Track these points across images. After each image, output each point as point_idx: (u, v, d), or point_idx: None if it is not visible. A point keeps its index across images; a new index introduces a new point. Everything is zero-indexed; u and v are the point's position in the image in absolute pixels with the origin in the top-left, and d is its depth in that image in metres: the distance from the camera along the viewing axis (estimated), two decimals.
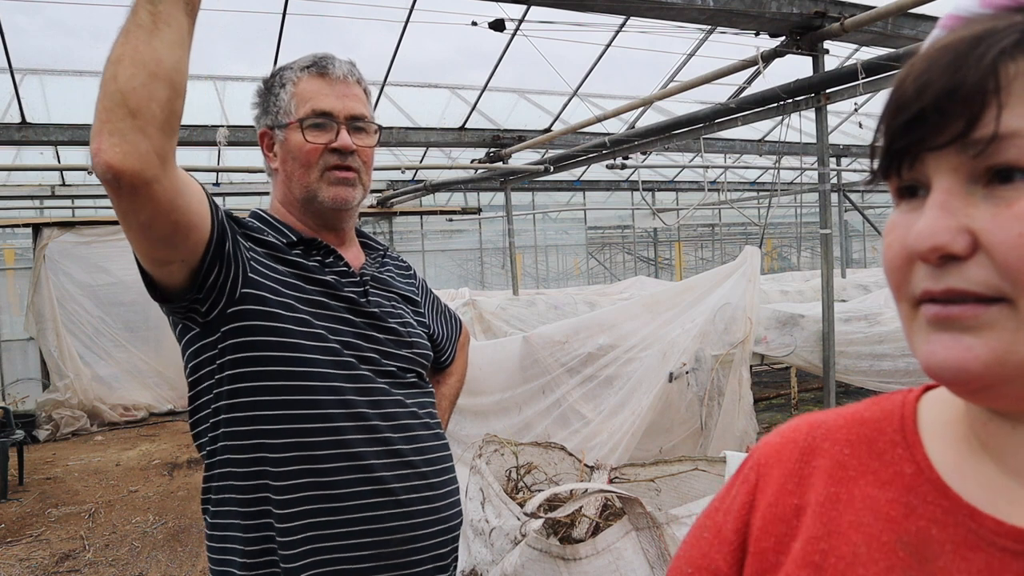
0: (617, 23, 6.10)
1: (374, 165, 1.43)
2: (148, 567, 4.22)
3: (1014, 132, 0.40)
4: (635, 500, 1.64)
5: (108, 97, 0.94)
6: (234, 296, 1.18)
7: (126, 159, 0.94)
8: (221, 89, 7.53)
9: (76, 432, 7.97)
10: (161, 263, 1.10)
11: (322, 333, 1.23)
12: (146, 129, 0.95)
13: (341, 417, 1.21)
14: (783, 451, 0.59)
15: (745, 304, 3.67)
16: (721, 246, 16.11)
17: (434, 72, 8.46)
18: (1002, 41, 0.42)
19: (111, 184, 0.96)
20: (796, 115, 5.07)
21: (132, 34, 0.96)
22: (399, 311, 1.39)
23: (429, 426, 1.34)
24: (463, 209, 11.11)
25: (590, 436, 3.53)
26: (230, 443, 1.21)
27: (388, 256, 1.52)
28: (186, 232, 1.07)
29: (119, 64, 0.95)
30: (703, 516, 0.63)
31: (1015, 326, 0.41)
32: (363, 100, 1.34)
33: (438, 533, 1.28)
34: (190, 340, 1.24)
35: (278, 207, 1.38)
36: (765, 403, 7.41)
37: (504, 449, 2.23)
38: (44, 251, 8.33)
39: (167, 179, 1.00)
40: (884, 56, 3.87)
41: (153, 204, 0.99)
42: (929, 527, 0.48)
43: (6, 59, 5.66)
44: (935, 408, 0.54)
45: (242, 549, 1.19)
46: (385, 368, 1.30)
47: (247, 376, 1.19)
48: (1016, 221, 0.40)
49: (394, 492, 1.23)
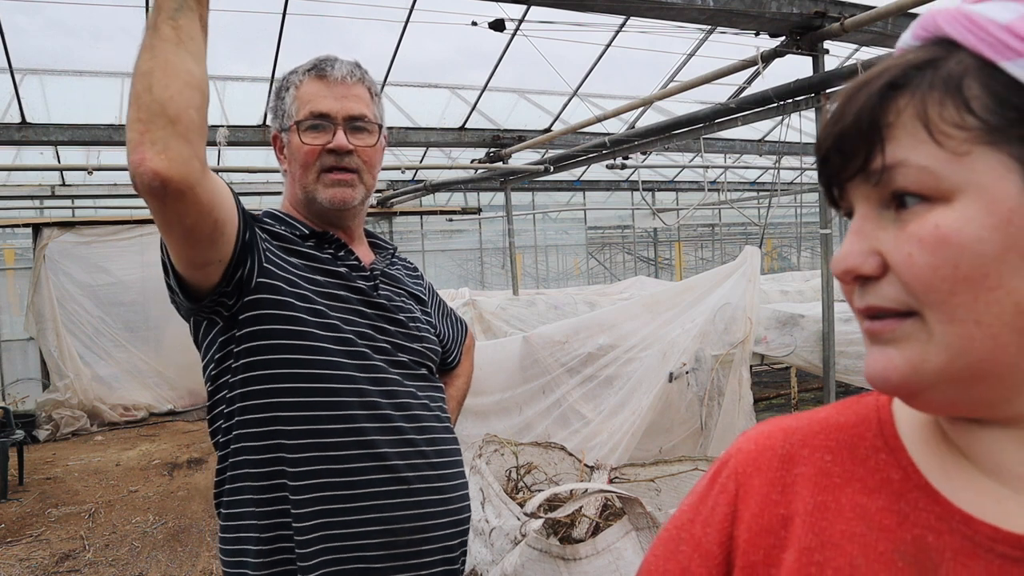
0: (617, 23, 6.10)
1: None
2: (148, 567, 4.22)
3: (900, 162, 0.44)
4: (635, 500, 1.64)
5: (145, 108, 0.97)
6: (250, 286, 1.20)
7: (172, 165, 0.97)
8: (221, 89, 7.53)
9: (76, 432, 7.97)
10: (200, 266, 1.13)
11: (336, 323, 1.25)
12: (187, 135, 0.99)
13: (355, 405, 1.23)
14: (761, 459, 0.57)
15: (745, 304, 3.67)
16: (721, 246, 16.10)
17: (434, 72, 8.46)
18: (888, 75, 0.45)
19: (157, 192, 0.98)
20: (796, 115, 5.06)
21: (159, 48, 0.99)
22: (408, 306, 1.41)
23: (440, 419, 1.36)
24: (463, 209, 11.10)
25: (590, 436, 3.53)
26: (246, 431, 1.22)
27: (397, 257, 1.54)
28: (223, 228, 1.10)
29: (151, 76, 0.98)
30: (675, 528, 0.60)
31: (926, 338, 0.44)
32: (365, 100, 1.35)
33: (448, 524, 1.30)
34: (215, 336, 1.26)
35: (288, 207, 1.41)
36: (765, 403, 7.41)
37: (504, 449, 2.23)
38: (44, 251, 8.33)
39: (207, 181, 1.04)
40: (884, 56, 3.86)
41: (197, 207, 1.03)
42: (925, 535, 0.47)
43: (6, 59, 5.66)
44: (910, 411, 0.53)
45: (257, 536, 1.20)
46: (398, 359, 1.32)
47: (261, 364, 1.21)
48: (907, 242, 0.44)
49: (407, 480, 1.25)
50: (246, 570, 1.20)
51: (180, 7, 1.01)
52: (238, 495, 1.23)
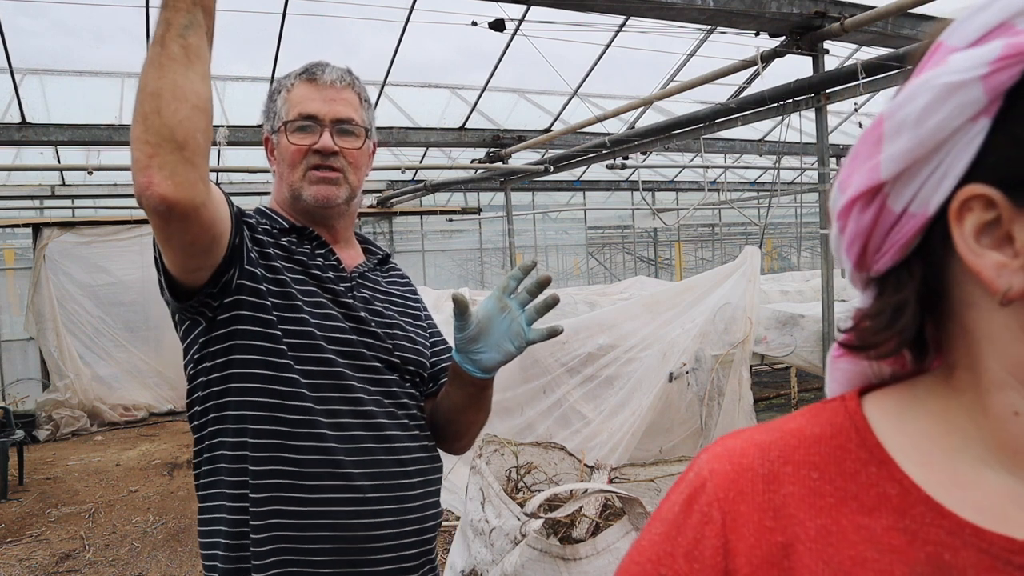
0: (617, 23, 6.10)
1: (373, 165, 1.45)
2: (148, 567, 4.22)
3: None
4: (635, 500, 1.64)
5: (154, 132, 0.97)
6: (231, 287, 1.21)
7: (179, 190, 0.98)
8: (221, 89, 7.53)
9: (76, 432, 7.98)
10: (193, 270, 1.15)
11: (309, 331, 1.26)
12: (194, 159, 1.00)
13: (317, 412, 1.24)
14: (742, 481, 0.51)
15: (745, 304, 3.67)
16: (721, 246, 16.10)
17: (434, 72, 8.46)
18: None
19: (163, 215, 1.00)
20: (796, 115, 5.07)
21: (167, 68, 0.99)
22: (389, 313, 1.40)
23: (407, 427, 1.34)
24: (463, 209, 11.11)
25: (591, 436, 3.53)
26: (221, 427, 1.24)
27: (390, 264, 1.53)
28: (220, 240, 1.13)
29: (160, 99, 0.97)
30: (651, 562, 0.52)
31: None
32: (354, 105, 1.37)
33: (407, 534, 1.29)
34: (197, 335, 1.27)
35: (274, 205, 1.43)
36: (765, 403, 7.41)
37: (504, 449, 2.23)
38: (44, 251, 8.33)
39: (210, 200, 1.05)
40: (884, 56, 3.86)
41: (199, 225, 1.05)
42: (940, 553, 0.44)
43: (6, 59, 5.66)
44: (895, 419, 0.50)
45: (226, 531, 1.22)
46: (366, 364, 1.32)
47: (238, 363, 1.23)
48: None
49: (362, 489, 1.25)
50: (216, 563, 1.23)
51: (190, 24, 1.01)
52: (212, 488, 1.26)
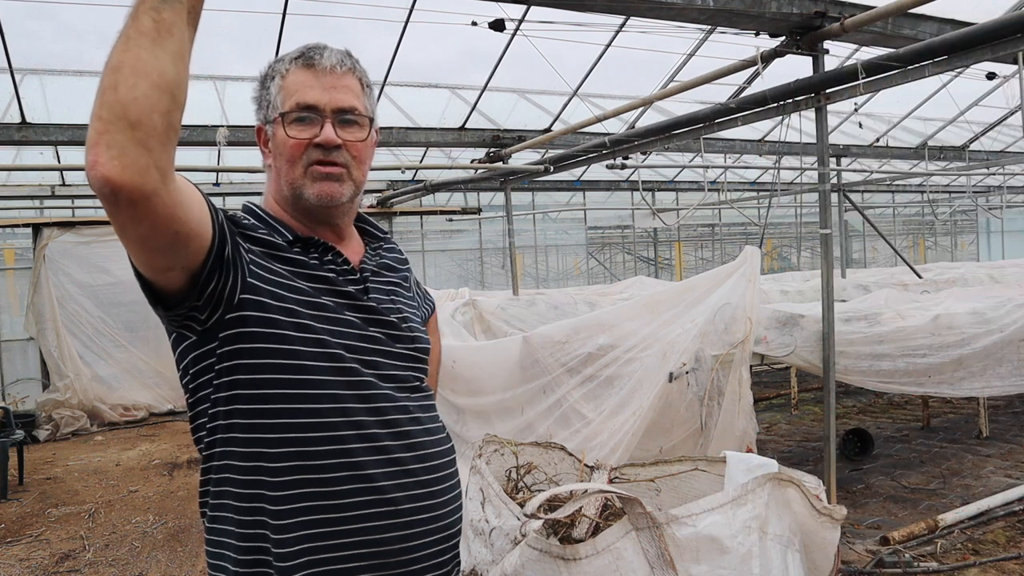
0: (617, 23, 6.10)
1: (373, 164, 1.37)
2: (148, 567, 4.22)
3: None
4: (635, 500, 1.64)
5: (107, 107, 0.89)
6: (232, 302, 1.14)
7: (125, 172, 0.89)
8: (221, 89, 7.54)
9: (76, 432, 7.98)
10: (160, 270, 1.08)
11: (324, 339, 1.20)
12: (147, 142, 0.91)
13: (342, 426, 1.19)
14: None
15: (745, 304, 3.67)
16: (721, 246, 16.11)
17: (434, 72, 8.45)
18: None
19: (108, 198, 0.91)
20: (796, 115, 5.06)
21: (133, 41, 0.91)
22: (398, 305, 1.36)
23: (432, 432, 1.32)
24: (463, 209, 11.11)
25: (591, 436, 3.53)
26: (229, 449, 1.19)
27: (387, 245, 1.49)
28: (186, 241, 1.04)
29: (119, 72, 0.90)
30: None
31: None
32: (356, 91, 1.27)
33: (438, 541, 1.27)
34: (187, 348, 1.21)
35: (272, 203, 1.33)
36: (765, 403, 7.41)
37: (504, 449, 2.23)
38: (44, 251, 8.33)
39: (167, 192, 0.96)
40: (884, 56, 3.86)
41: (152, 217, 0.96)
42: None
43: (6, 59, 5.66)
44: None
45: (235, 558, 1.18)
46: (389, 372, 1.28)
47: (245, 383, 1.17)
48: None
49: (394, 501, 1.21)
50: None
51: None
52: (220, 511, 1.21)
